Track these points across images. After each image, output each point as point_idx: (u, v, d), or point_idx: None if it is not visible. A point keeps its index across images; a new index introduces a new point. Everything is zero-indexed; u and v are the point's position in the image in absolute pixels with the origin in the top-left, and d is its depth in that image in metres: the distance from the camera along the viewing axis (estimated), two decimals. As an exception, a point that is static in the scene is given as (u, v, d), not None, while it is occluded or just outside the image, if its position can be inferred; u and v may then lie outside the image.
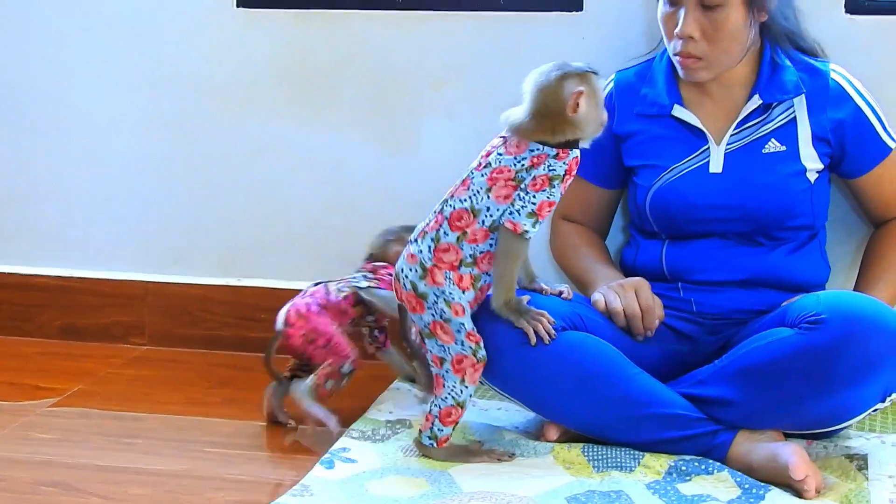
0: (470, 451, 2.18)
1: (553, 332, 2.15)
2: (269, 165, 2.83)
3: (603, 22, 2.63)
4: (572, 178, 2.12)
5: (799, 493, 2.02)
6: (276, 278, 2.84)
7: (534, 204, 2.09)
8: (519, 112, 2.12)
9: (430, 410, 2.14)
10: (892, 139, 2.39)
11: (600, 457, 2.15)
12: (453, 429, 2.16)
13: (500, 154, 2.12)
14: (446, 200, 2.15)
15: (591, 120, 2.12)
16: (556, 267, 2.61)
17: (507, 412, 2.40)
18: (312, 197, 2.82)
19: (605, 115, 2.17)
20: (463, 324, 2.10)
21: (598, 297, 2.33)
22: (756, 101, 2.35)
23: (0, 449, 2.25)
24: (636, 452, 2.15)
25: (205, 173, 2.86)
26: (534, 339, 2.13)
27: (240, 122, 2.82)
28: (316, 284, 2.43)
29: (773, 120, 2.35)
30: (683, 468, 2.10)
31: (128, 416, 2.44)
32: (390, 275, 2.32)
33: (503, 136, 2.14)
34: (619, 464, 2.13)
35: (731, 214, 2.33)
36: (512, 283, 2.13)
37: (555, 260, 2.59)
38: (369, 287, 2.41)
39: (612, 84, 2.47)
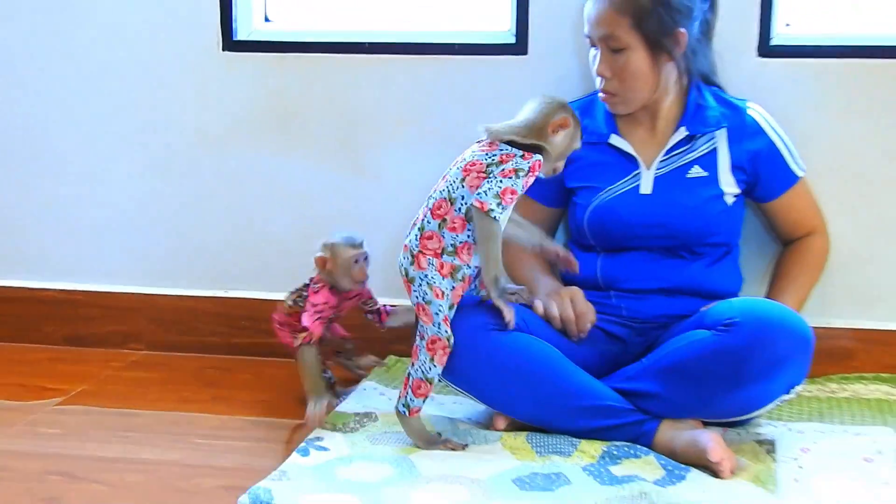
0: (431, 440, 2.21)
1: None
2: (251, 193, 2.84)
3: (545, 64, 2.66)
4: (534, 177, 2.15)
5: (716, 474, 2.05)
6: (257, 290, 2.85)
7: (500, 187, 2.10)
8: (501, 123, 2.20)
9: (407, 376, 2.19)
10: (801, 169, 2.45)
11: (542, 443, 2.18)
12: (423, 401, 2.19)
13: (474, 152, 2.19)
14: (430, 195, 2.20)
15: (559, 147, 2.19)
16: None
17: (462, 405, 2.42)
18: (289, 220, 2.84)
19: (569, 153, 2.23)
20: (441, 307, 2.15)
21: (538, 303, 2.36)
22: (682, 133, 2.40)
23: (11, 443, 2.28)
24: (573, 439, 2.18)
25: (193, 199, 2.86)
26: (508, 317, 2.19)
27: (224, 155, 2.83)
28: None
29: (696, 149, 2.40)
30: (615, 453, 2.13)
31: (126, 412, 2.46)
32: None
33: (479, 140, 2.21)
34: (558, 449, 2.15)
35: (658, 231, 2.38)
36: (496, 261, 2.13)
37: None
38: None
39: None
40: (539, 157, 2.16)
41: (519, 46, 2.68)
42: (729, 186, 2.40)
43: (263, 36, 2.83)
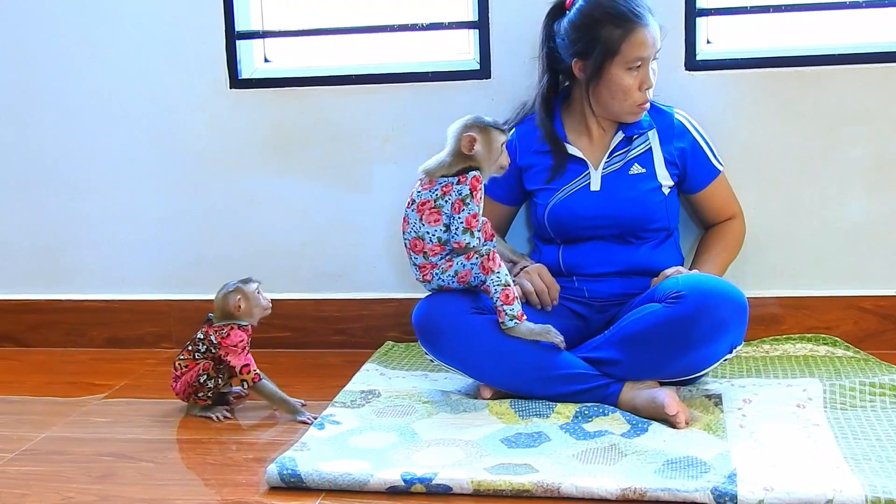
0: (542, 331, 2.18)
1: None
2: (258, 208, 2.81)
3: (505, 86, 2.63)
4: (480, 191, 2.16)
5: (673, 425, 2.05)
6: (269, 292, 2.71)
7: (461, 222, 2.15)
8: (433, 159, 2.21)
9: (495, 303, 2.17)
10: (720, 164, 2.44)
11: (524, 408, 2.16)
12: (519, 303, 2.18)
13: (419, 192, 2.20)
14: (403, 238, 2.24)
15: (485, 158, 2.19)
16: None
17: (451, 380, 2.39)
18: (290, 230, 2.80)
19: (504, 159, 2.22)
20: (472, 238, 2.18)
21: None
22: (621, 136, 2.37)
23: (67, 431, 2.24)
24: (550, 403, 2.16)
25: (208, 219, 2.83)
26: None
27: (233, 178, 2.80)
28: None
29: (634, 149, 2.37)
30: (586, 412, 2.11)
31: (163, 402, 2.41)
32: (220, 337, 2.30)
33: (419, 180, 2.22)
34: (538, 412, 2.14)
35: (608, 222, 2.36)
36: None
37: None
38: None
39: (514, 130, 2.47)
40: (475, 172, 2.17)
41: (482, 72, 2.67)
42: (665, 179, 2.38)
43: (264, 74, 2.80)
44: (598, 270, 2.39)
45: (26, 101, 2.86)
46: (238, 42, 2.75)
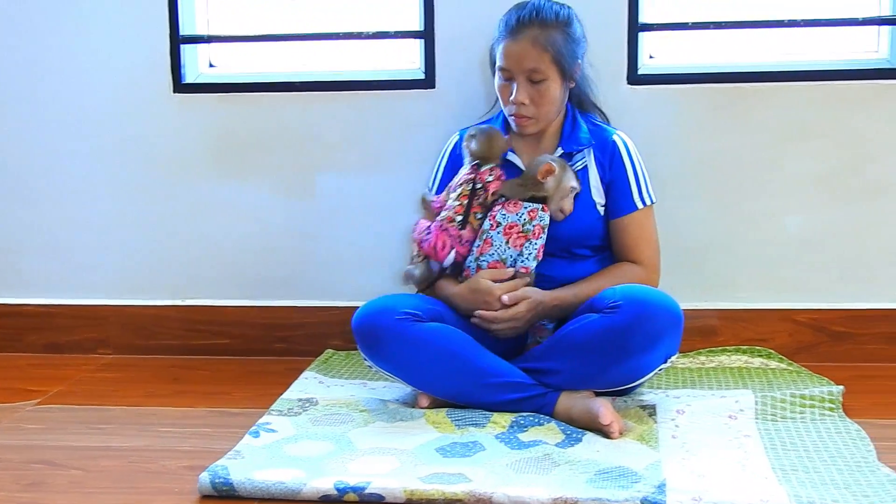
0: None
1: None
2: (205, 213, 2.79)
3: (451, 96, 2.65)
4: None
5: (607, 435, 2.06)
6: (213, 299, 2.81)
7: (535, 248, 2.30)
8: (508, 182, 2.33)
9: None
10: (643, 202, 2.37)
11: (460, 417, 2.16)
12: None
13: (504, 214, 2.30)
14: (478, 259, 2.31)
15: (553, 192, 2.29)
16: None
17: (390, 389, 2.39)
18: (238, 235, 2.79)
19: (567, 205, 2.31)
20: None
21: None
22: (559, 151, 2.37)
23: None
24: (487, 412, 2.17)
25: (154, 220, 2.80)
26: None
27: (176, 183, 2.78)
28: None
29: (573, 165, 2.37)
30: (522, 422, 2.12)
31: (98, 408, 2.39)
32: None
33: (500, 203, 2.31)
34: (474, 422, 2.14)
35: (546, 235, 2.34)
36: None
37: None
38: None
39: (457, 137, 2.48)
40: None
41: (428, 81, 2.67)
42: (599, 198, 2.38)
43: (208, 79, 2.79)
44: (538, 284, 2.36)
45: (-33, 106, 2.83)
46: (182, 46, 2.73)
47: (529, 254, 2.28)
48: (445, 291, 2.36)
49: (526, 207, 2.28)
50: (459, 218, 2.31)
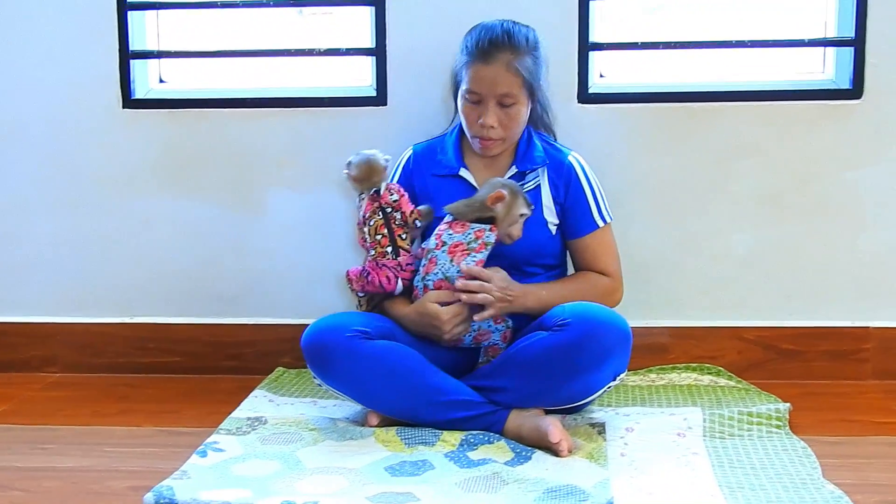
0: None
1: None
2: (152, 230, 2.77)
3: (402, 113, 2.66)
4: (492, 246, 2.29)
5: (556, 453, 2.06)
6: (160, 316, 2.79)
7: (473, 262, 2.27)
8: (460, 202, 2.34)
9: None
10: (602, 220, 2.40)
11: (410, 436, 2.15)
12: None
13: (450, 233, 2.30)
14: (425, 278, 2.30)
15: (501, 219, 2.29)
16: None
17: (340, 408, 2.39)
18: (188, 252, 2.77)
19: (515, 231, 2.30)
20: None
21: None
22: (514, 170, 2.39)
23: None
24: (436, 431, 2.16)
25: (101, 237, 2.78)
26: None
27: (125, 199, 2.76)
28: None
29: (525, 184, 2.38)
30: (472, 440, 2.12)
31: (43, 428, 2.36)
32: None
33: (446, 222, 2.33)
34: (424, 440, 2.14)
35: (496, 253, 2.32)
36: None
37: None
38: None
39: (410, 152, 2.49)
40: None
41: (379, 98, 2.68)
42: (551, 217, 2.40)
43: (158, 95, 2.78)
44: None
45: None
46: (132, 62, 2.72)
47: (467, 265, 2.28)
48: (395, 312, 2.36)
49: (473, 228, 2.29)
50: (389, 249, 2.33)
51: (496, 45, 2.28)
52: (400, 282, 2.32)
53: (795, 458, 2.06)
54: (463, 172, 2.42)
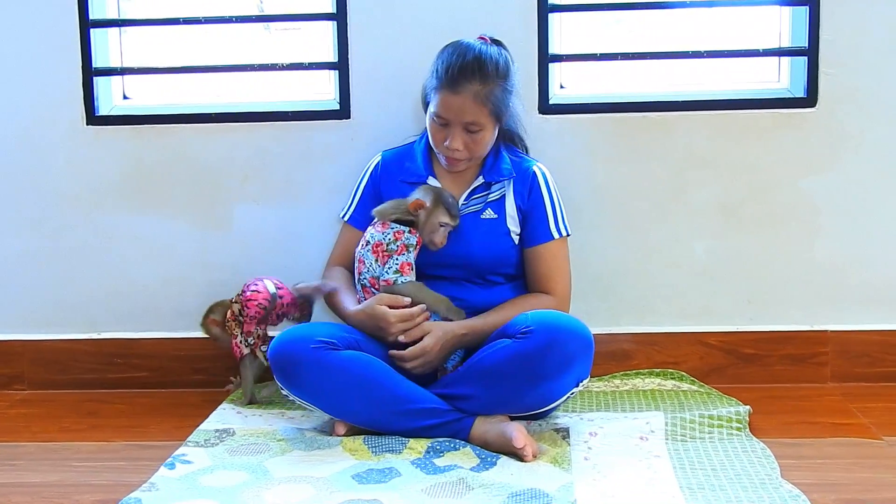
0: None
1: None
2: (118, 246, 2.78)
3: (366, 126, 2.69)
4: (419, 248, 2.37)
5: (521, 458, 2.10)
6: (127, 331, 2.80)
7: (397, 264, 2.34)
8: (389, 202, 2.40)
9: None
10: (559, 233, 2.43)
11: (377, 444, 2.18)
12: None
13: (373, 233, 2.37)
14: (359, 280, 2.38)
15: (421, 226, 2.34)
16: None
17: (307, 418, 2.42)
18: (154, 268, 2.79)
19: (438, 238, 2.35)
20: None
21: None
22: (480, 180, 2.43)
23: None
24: (403, 439, 2.19)
25: (67, 254, 2.79)
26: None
27: (91, 216, 2.77)
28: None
29: (492, 194, 2.42)
30: (438, 447, 2.15)
31: (11, 445, 2.36)
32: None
33: (373, 223, 2.38)
34: (390, 448, 2.16)
35: (458, 262, 2.39)
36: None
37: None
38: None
39: (379, 158, 2.52)
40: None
41: (342, 112, 2.71)
42: (514, 226, 2.43)
43: (123, 111, 2.79)
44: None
45: None
46: (96, 78, 2.74)
47: (390, 268, 2.33)
48: (345, 309, 2.40)
49: (392, 228, 2.35)
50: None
51: (465, 74, 2.30)
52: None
53: (755, 460, 2.11)
54: (430, 180, 2.46)
